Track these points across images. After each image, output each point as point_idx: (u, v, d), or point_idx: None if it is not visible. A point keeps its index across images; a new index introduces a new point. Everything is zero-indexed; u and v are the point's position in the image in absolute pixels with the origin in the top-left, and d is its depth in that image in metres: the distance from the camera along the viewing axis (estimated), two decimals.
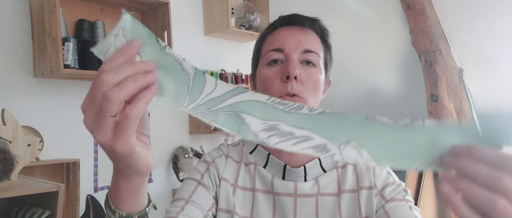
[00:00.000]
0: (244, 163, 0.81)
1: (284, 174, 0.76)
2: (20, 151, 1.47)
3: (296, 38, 0.73)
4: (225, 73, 2.60)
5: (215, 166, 0.80)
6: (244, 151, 0.83)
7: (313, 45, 0.74)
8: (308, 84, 0.72)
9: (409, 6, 2.93)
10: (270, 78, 0.73)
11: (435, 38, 2.92)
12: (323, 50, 0.76)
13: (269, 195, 0.76)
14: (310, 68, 0.73)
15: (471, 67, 3.03)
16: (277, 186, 0.75)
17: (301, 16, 0.77)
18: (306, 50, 0.73)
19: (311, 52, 0.73)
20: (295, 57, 0.72)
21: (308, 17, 0.77)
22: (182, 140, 2.50)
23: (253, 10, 2.67)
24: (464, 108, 3.08)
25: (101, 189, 2.13)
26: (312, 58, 0.73)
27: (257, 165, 0.79)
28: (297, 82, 0.71)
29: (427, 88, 3.02)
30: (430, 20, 2.88)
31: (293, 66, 0.70)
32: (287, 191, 0.75)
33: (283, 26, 0.76)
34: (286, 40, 0.74)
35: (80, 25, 1.99)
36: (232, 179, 0.79)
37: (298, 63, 0.72)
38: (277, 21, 0.78)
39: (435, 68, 2.97)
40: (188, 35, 2.54)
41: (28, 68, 1.88)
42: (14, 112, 1.48)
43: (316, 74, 0.73)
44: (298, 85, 0.71)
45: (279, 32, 0.76)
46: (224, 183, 0.78)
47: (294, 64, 0.71)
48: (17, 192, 1.37)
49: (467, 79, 3.07)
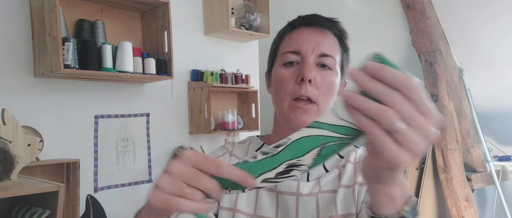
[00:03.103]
0: None
1: None
2: (20, 151, 1.47)
3: (314, 40, 0.73)
4: (225, 73, 2.60)
5: None
6: (250, 149, 0.84)
7: (330, 49, 0.73)
8: (323, 87, 0.72)
9: (409, 6, 2.93)
10: (285, 79, 0.73)
11: (435, 38, 2.92)
12: (340, 53, 0.76)
13: (272, 193, 0.76)
14: (326, 71, 0.73)
15: (471, 67, 3.03)
16: (280, 185, 0.76)
17: (320, 16, 0.76)
18: (323, 54, 0.73)
19: (327, 56, 0.73)
20: (311, 60, 0.72)
21: (327, 18, 0.76)
22: (182, 140, 2.50)
23: (253, 10, 2.67)
24: (464, 108, 3.08)
25: (101, 189, 2.13)
26: (328, 62, 0.73)
27: None
28: (312, 85, 0.71)
29: (427, 88, 3.02)
30: (430, 20, 2.89)
31: (308, 69, 0.71)
32: (290, 190, 0.75)
33: (301, 26, 0.76)
34: (304, 42, 0.73)
35: (80, 25, 1.99)
36: None
37: (314, 66, 0.72)
38: (296, 20, 0.78)
39: (435, 68, 2.97)
40: (188, 35, 2.54)
41: (28, 68, 1.88)
42: (14, 112, 1.48)
43: (331, 78, 0.73)
44: (312, 88, 0.71)
45: (297, 32, 0.76)
46: None
47: (310, 67, 0.71)
48: (17, 192, 1.37)
49: (467, 79, 3.08)
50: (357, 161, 0.78)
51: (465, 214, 2.94)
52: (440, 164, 2.98)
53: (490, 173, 3.03)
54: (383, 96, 0.39)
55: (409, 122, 0.39)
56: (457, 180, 2.94)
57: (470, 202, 2.98)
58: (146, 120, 2.33)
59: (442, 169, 2.97)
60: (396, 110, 0.39)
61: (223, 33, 2.58)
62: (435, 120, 0.40)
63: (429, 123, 0.40)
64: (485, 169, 3.14)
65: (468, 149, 3.12)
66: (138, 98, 2.30)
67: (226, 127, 2.54)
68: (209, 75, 2.55)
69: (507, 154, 3.10)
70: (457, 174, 2.94)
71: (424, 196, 2.99)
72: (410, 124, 0.39)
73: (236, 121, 2.59)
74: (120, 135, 2.22)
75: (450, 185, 2.95)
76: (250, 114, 2.70)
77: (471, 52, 2.98)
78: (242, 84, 2.67)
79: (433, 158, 3.04)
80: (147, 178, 2.33)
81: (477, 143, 3.11)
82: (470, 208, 2.97)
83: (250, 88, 2.69)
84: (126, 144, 2.24)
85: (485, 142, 3.04)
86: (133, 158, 2.27)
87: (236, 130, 2.60)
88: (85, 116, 2.06)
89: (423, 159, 3.04)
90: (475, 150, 3.13)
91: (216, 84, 2.48)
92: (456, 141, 2.95)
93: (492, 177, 2.99)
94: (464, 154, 3.07)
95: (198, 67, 2.57)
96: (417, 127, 0.39)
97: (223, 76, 2.59)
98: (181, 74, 2.47)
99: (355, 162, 0.78)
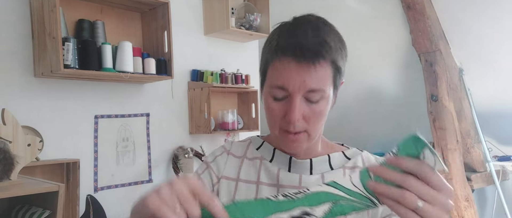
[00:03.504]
0: (248, 158, 0.82)
1: (290, 166, 0.78)
2: (20, 151, 1.47)
3: (300, 77, 0.68)
4: (225, 73, 2.60)
5: (216, 165, 0.82)
6: (250, 148, 0.85)
7: (317, 83, 0.68)
8: (312, 119, 0.71)
9: (409, 6, 2.93)
10: (274, 111, 0.72)
11: (435, 38, 2.92)
12: (332, 75, 0.71)
13: (273, 188, 0.77)
14: (315, 105, 0.71)
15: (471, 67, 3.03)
16: (282, 178, 0.77)
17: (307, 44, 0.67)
18: (310, 90, 0.69)
19: (315, 91, 0.69)
20: (298, 99, 0.69)
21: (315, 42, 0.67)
22: (182, 140, 2.50)
23: (253, 10, 2.67)
24: (464, 108, 3.08)
25: (101, 189, 2.13)
26: (316, 97, 0.70)
27: (263, 160, 0.81)
28: (299, 121, 0.70)
29: (427, 88, 3.02)
30: (430, 20, 2.88)
31: (294, 113, 0.68)
32: (292, 184, 0.76)
33: (287, 56, 0.68)
34: (289, 79, 0.68)
35: (80, 25, 1.99)
36: (233, 174, 0.80)
37: (301, 102, 0.69)
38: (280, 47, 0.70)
39: (435, 68, 2.97)
40: (188, 35, 2.54)
41: (28, 68, 1.88)
42: (14, 112, 1.48)
43: (321, 107, 0.71)
44: (301, 123, 0.70)
45: (282, 65, 0.69)
46: (224, 181, 0.80)
47: (296, 111, 0.68)
48: (17, 192, 1.37)
49: (467, 79, 3.07)
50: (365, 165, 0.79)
51: (465, 214, 2.94)
52: None
53: (490, 173, 3.03)
54: (402, 182, 0.50)
55: (428, 200, 0.49)
56: (457, 180, 2.94)
57: (470, 202, 2.98)
58: (146, 120, 2.33)
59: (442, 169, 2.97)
60: (415, 191, 0.49)
61: (223, 33, 2.58)
62: (450, 193, 0.51)
63: (445, 197, 0.50)
64: (485, 169, 3.14)
65: (468, 149, 3.12)
66: (138, 98, 2.30)
67: (226, 127, 2.54)
68: (209, 75, 2.55)
69: (507, 154, 3.10)
70: (457, 174, 2.94)
71: None
72: (429, 201, 0.49)
73: (236, 121, 2.59)
74: (120, 135, 2.22)
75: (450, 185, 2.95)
76: (250, 114, 2.70)
77: (471, 52, 2.98)
78: (242, 84, 2.67)
79: None
80: (147, 178, 2.33)
81: (477, 143, 3.11)
82: (470, 208, 2.97)
83: (250, 88, 2.69)
84: (126, 144, 2.24)
85: (485, 142, 3.03)
86: (133, 158, 2.27)
87: (236, 130, 2.60)
88: (85, 116, 2.06)
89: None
90: (475, 150, 3.13)
91: (216, 84, 2.48)
92: (456, 141, 2.95)
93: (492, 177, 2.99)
94: (464, 154, 3.07)
95: (198, 67, 2.57)
96: (435, 202, 0.49)
97: (223, 76, 2.59)
98: (181, 74, 2.47)
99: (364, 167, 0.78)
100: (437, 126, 2.98)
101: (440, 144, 2.96)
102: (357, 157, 0.80)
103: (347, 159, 0.80)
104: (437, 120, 2.97)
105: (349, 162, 0.79)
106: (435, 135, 2.99)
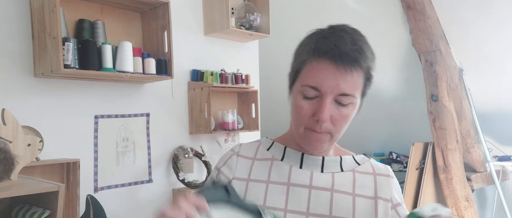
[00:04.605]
0: (259, 159, 0.84)
1: (301, 163, 0.80)
2: (20, 151, 1.47)
3: (334, 79, 0.70)
4: (225, 73, 2.60)
5: (227, 168, 0.84)
6: (260, 149, 0.86)
7: (350, 87, 0.71)
8: (338, 121, 0.74)
9: (409, 6, 2.93)
10: (303, 110, 0.74)
11: (435, 38, 2.92)
12: (363, 83, 0.74)
13: (283, 187, 0.78)
14: (343, 108, 0.73)
15: (471, 67, 3.03)
16: (294, 175, 0.79)
17: (345, 50, 0.70)
18: (342, 94, 0.71)
19: (347, 96, 0.72)
20: (329, 100, 0.71)
21: (353, 49, 0.70)
22: (182, 140, 2.50)
23: (253, 10, 2.67)
24: (464, 108, 3.08)
25: (101, 189, 2.13)
26: (346, 101, 0.73)
27: (274, 160, 0.82)
28: (327, 122, 0.73)
29: (427, 88, 3.02)
30: (430, 20, 2.88)
31: (324, 113, 0.71)
32: (303, 182, 0.78)
33: (325, 58, 0.70)
34: (324, 80, 0.71)
35: (80, 25, 1.99)
36: (244, 174, 0.82)
37: (331, 104, 0.72)
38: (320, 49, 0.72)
39: (435, 68, 2.97)
40: (188, 35, 2.54)
41: (28, 68, 1.88)
42: (14, 112, 1.48)
43: (348, 112, 0.74)
44: (328, 124, 0.73)
45: (319, 66, 0.71)
46: (236, 182, 0.81)
47: (326, 111, 0.71)
48: (17, 192, 1.37)
49: (467, 79, 3.08)
50: (376, 172, 0.81)
51: (465, 214, 2.94)
52: (440, 164, 2.98)
53: (490, 173, 3.03)
54: None
55: None
56: (457, 180, 2.94)
57: (470, 202, 2.98)
58: (146, 120, 2.33)
59: (442, 169, 2.97)
60: None
61: (223, 33, 2.58)
62: None
63: None
64: (485, 169, 3.14)
65: (468, 149, 3.12)
66: (138, 98, 2.30)
67: (226, 127, 2.54)
68: (209, 75, 2.55)
69: (507, 154, 3.10)
70: (457, 174, 2.94)
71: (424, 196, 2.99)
72: None
73: (236, 121, 2.59)
74: (120, 135, 2.22)
75: (450, 185, 2.95)
76: (250, 114, 2.70)
77: (471, 52, 2.98)
78: (242, 84, 2.67)
79: (433, 158, 3.04)
80: (147, 178, 2.33)
81: (477, 143, 3.11)
82: (470, 208, 2.97)
83: (250, 88, 2.69)
84: (126, 144, 2.24)
85: (485, 142, 3.04)
86: (133, 158, 2.27)
87: (236, 130, 2.60)
88: (85, 116, 2.06)
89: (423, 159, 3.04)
90: (475, 150, 3.13)
91: (216, 84, 2.48)
92: (456, 141, 2.95)
93: (492, 177, 2.99)
94: (464, 154, 3.07)
95: (198, 67, 2.57)
96: None
97: (223, 76, 2.59)
98: (181, 74, 2.47)
99: (374, 173, 0.81)
100: (437, 126, 2.98)
101: (440, 144, 2.96)
102: (366, 163, 0.83)
103: (357, 164, 0.82)
104: (437, 120, 2.97)
105: (359, 167, 0.82)
106: (435, 135, 3.00)
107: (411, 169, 2.93)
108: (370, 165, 0.83)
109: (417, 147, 2.98)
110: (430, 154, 3.02)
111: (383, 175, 0.81)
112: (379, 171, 0.82)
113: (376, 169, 0.82)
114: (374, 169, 0.82)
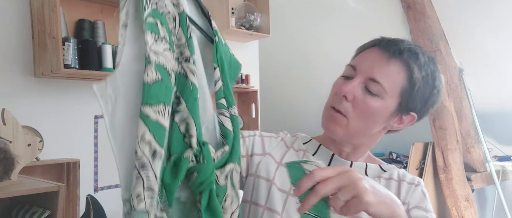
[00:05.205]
0: (295, 149, 0.86)
1: (330, 162, 0.81)
2: (20, 151, 1.47)
3: (372, 63, 0.72)
4: None
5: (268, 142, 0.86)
6: (297, 141, 0.88)
7: (383, 76, 0.71)
8: (359, 107, 0.72)
9: (409, 6, 2.93)
10: (335, 87, 0.77)
11: (435, 38, 2.92)
12: (401, 87, 0.72)
13: None
14: (369, 96, 0.72)
15: (471, 67, 3.03)
16: None
17: (397, 42, 0.73)
18: (372, 79, 0.71)
19: (375, 82, 0.71)
20: (358, 80, 0.72)
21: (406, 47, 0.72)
22: None
23: (253, 10, 2.67)
24: (464, 108, 3.08)
25: (101, 189, 2.13)
26: (374, 89, 0.71)
27: (306, 152, 0.84)
28: (348, 102, 0.72)
29: None
30: (430, 20, 2.88)
31: (346, 86, 0.72)
32: None
33: (376, 47, 0.75)
34: (363, 61, 0.74)
35: (81, 25, 1.99)
36: (278, 157, 0.84)
37: (359, 85, 0.72)
38: (378, 40, 0.77)
39: None
40: None
41: (28, 68, 1.88)
42: (14, 112, 1.48)
43: (372, 102, 0.72)
44: (347, 105, 0.73)
45: (368, 51, 0.76)
46: (268, 157, 0.83)
47: (351, 86, 0.71)
48: (17, 192, 1.37)
49: (467, 79, 3.07)
50: (401, 179, 0.81)
51: (465, 214, 2.94)
52: (440, 164, 2.98)
53: (490, 173, 3.03)
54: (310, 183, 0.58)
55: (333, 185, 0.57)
56: (457, 180, 2.94)
57: (470, 202, 2.98)
58: None
59: (442, 169, 2.97)
60: None
61: (223, 33, 2.58)
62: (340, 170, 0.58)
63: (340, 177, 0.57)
64: (485, 169, 3.14)
65: (468, 149, 3.12)
66: None
67: None
68: None
69: (507, 154, 3.10)
70: (457, 174, 2.94)
71: None
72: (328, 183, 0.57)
73: None
74: None
75: (450, 185, 2.95)
76: (250, 114, 2.70)
77: (471, 52, 2.98)
78: (242, 84, 2.67)
79: (433, 158, 3.04)
80: None
81: (477, 143, 3.11)
82: (470, 208, 2.97)
83: (250, 88, 2.69)
84: None
85: (485, 142, 3.04)
86: None
87: None
88: (85, 116, 2.06)
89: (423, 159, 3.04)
90: (475, 150, 3.13)
91: None
92: (456, 141, 2.95)
93: (492, 177, 2.99)
94: (464, 154, 3.07)
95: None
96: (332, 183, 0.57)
97: None
98: None
99: (399, 180, 0.81)
100: (437, 126, 2.98)
101: (440, 144, 2.96)
102: (393, 171, 0.83)
103: (383, 171, 0.83)
104: (437, 120, 2.97)
105: (384, 174, 0.82)
106: (435, 135, 2.99)
107: (411, 169, 2.93)
108: (397, 173, 0.83)
109: (417, 147, 2.98)
110: (430, 154, 3.02)
111: (407, 182, 0.80)
112: (404, 178, 0.81)
113: (402, 177, 0.82)
114: (400, 177, 0.82)
